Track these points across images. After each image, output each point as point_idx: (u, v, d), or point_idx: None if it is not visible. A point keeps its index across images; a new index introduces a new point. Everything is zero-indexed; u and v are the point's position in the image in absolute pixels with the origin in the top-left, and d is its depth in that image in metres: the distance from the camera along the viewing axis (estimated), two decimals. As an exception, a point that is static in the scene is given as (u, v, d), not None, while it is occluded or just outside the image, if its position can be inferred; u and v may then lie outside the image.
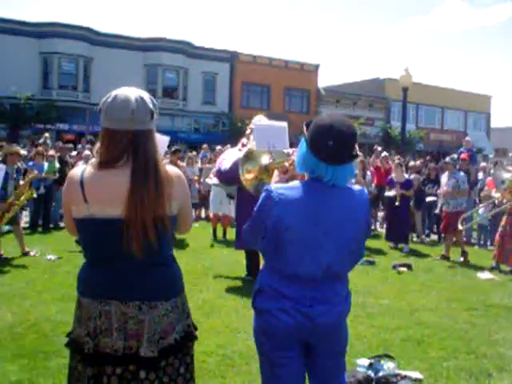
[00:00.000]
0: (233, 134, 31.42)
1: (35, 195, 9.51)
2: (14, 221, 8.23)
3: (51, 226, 11.18)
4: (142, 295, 2.06)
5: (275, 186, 2.23)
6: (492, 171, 11.88)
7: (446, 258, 9.36)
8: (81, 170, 2.09)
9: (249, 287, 6.59)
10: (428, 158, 16.65)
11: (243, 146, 6.70)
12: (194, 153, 15.92)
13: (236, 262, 8.03)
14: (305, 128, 2.24)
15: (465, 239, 10.60)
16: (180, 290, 2.22)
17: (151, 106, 2.10)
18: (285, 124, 3.22)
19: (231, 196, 10.45)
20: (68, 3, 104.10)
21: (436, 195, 10.96)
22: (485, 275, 8.05)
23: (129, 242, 1.97)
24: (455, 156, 12.05)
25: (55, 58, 30.24)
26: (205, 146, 17.48)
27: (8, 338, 4.63)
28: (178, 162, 10.96)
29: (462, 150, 12.51)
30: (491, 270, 8.47)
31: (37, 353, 4.30)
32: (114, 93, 2.08)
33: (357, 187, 2.32)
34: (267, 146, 2.95)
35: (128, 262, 2.03)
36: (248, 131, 6.69)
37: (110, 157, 2.04)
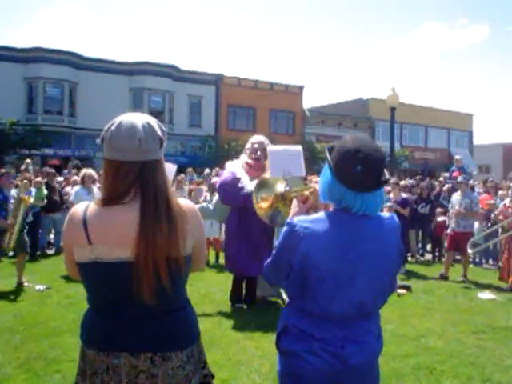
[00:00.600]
0: (219, 157, 31.40)
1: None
2: (21, 247, 7.92)
3: (38, 253, 10.86)
4: (154, 346, 1.84)
5: (298, 219, 2.02)
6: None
7: (444, 277, 9.20)
8: (83, 207, 1.87)
9: (247, 315, 6.44)
10: (419, 177, 16.60)
11: (251, 166, 6.40)
12: (183, 175, 15.73)
13: (232, 288, 7.77)
14: (327, 153, 2.05)
15: (458, 257, 10.45)
16: (196, 338, 2.01)
17: (159, 132, 1.90)
18: (299, 147, 3.02)
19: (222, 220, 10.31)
20: (53, 28, 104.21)
21: (444, 214, 10.80)
22: (486, 295, 7.90)
23: (139, 287, 1.77)
24: (466, 176, 11.90)
25: (40, 82, 30.00)
26: (189, 169, 17.32)
27: (-4, 379, 4.33)
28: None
29: (453, 168, 12.44)
30: (493, 290, 8.32)
31: (28, 395, 4.01)
32: (118, 119, 1.89)
33: (386, 214, 2.14)
34: (282, 172, 2.75)
35: (139, 308, 1.82)
36: (248, 145, 6.43)
37: (115, 192, 1.83)
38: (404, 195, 10.61)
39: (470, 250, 8.76)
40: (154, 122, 1.91)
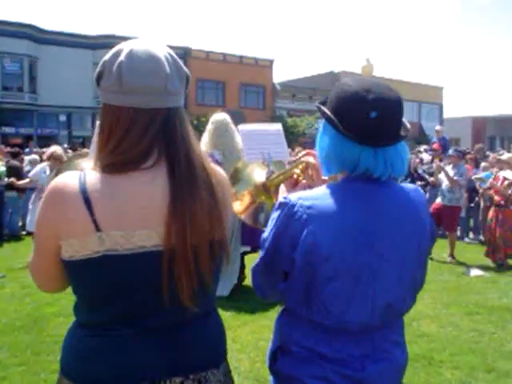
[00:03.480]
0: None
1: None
2: None
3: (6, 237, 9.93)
4: (187, 366, 1.33)
5: (297, 195, 1.46)
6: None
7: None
8: (76, 177, 1.26)
9: (225, 302, 5.84)
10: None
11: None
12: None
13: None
14: (321, 107, 1.50)
15: (440, 232, 10.06)
16: (226, 348, 1.50)
17: (185, 69, 1.39)
18: (279, 126, 2.37)
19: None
20: (10, 0, 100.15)
21: (425, 187, 10.31)
22: (474, 272, 7.54)
23: (177, 286, 1.25)
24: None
25: (-3, 57, 28.56)
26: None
27: None
28: None
29: (434, 140, 11.99)
30: (480, 266, 7.97)
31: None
32: (125, 47, 1.31)
33: (410, 185, 1.60)
34: (261, 156, 2.10)
35: (172, 316, 1.30)
36: (209, 127, 5.84)
37: (130, 153, 1.27)
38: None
39: None
40: (175, 54, 1.39)
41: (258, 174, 2.10)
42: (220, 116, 5.78)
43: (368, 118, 1.36)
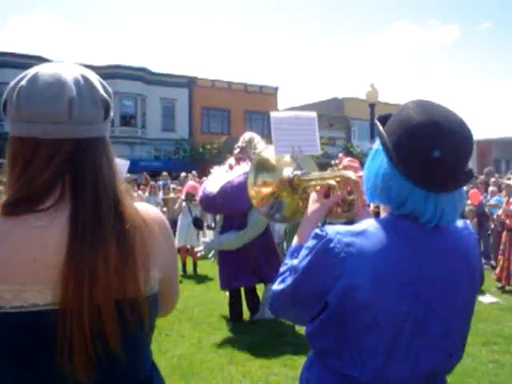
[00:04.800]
0: (194, 160, 30.68)
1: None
2: None
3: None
4: None
5: (335, 230, 1.28)
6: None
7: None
8: None
9: (232, 333, 5.70)
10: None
11: (231, 167, 5.73)
12: (160, 182, 14.82)
13: (211, 300, 7.05)
14: (380, 126, 1.32)
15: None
16: None
17: (103, 92, 1.18)
18: (314, 114, 2.17)
19: (198, 225, 9.52)
20: (23, 35, 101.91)
21: None
22: (487, 299, 7.32)
23: (68, 354, 1.04)
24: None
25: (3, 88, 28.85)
26: (164, 173, 16.49)
27: None
28: (134, 191, 10.01)
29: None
30: (494, 292, 7.75)
31: None
32: (32, 71, 1.14)
33: (459, 221, 1.41)
34: (290, 148, 1.95)
35: None
36: (236, 150, 5.74)
37: (28, 191, 1.10)
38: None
39: None
40: (93, 76, 1.20)
41: (285, 168, 1.96)
42: (248, 134, 5.82)
43: (429, 157, 1.19)
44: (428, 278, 1.25)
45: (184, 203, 9.58)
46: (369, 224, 1.30)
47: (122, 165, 3.25)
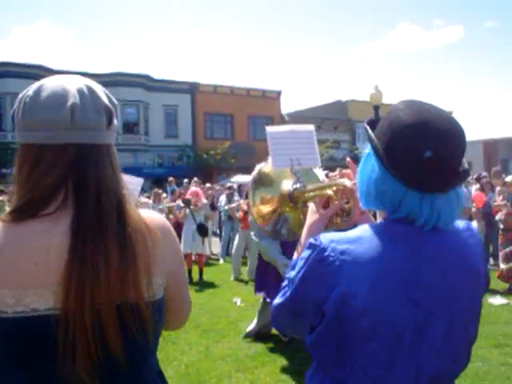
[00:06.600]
0: (198, 166, 30.71)
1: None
2: None
3: None
4: None
5: (329, 237, 1.24)
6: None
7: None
8: None
9: (239, 340, 5.64)
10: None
11: None
12: (166, 192, 14.77)
13: (218, 308, 7.01)
14: (369, 129, 1.28)
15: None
16: None
17: (106, 100, 1.21)
18: (311, 127, 2.13)
19: (202, 232, 9.45)
20: (25, 44, 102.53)
21: None
22: (497, 300, 7.24)
23: (70, 359, 1.05)
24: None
25: (7, 97, 28.95)
26: (171, 178, 16.43)
27: None
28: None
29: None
30: (502, 293, 7.66)
31: None
32: (40, 82, 1.19)
33: (460, 222, 1.35)
34: (289, 161, 1.90)
35: None
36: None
37: (32, 197, 1.12)
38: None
39: (502, 265, 7.98)
40: (98, 87, 1.25)
41: (286, 183, 1.92)
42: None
43: (420, 157, 1.15)
44: (427, 282, 1.20)
45: (188, 210, 9.51)
46: (364, 230, 1.25)
47: (135, 183, 3.22)
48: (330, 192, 1.60)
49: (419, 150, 1.15)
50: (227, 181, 19.25)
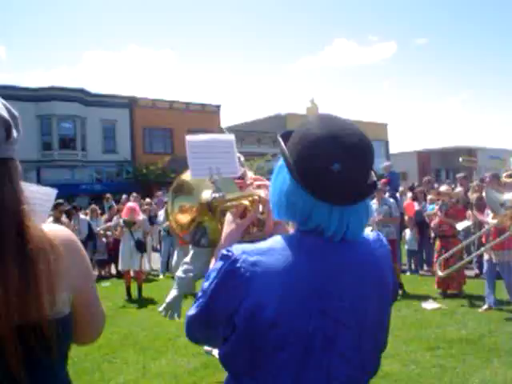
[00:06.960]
0: (138, 182, 30.26)
1: None
2: None
3: None
4: None
5: (241, 248, 1.24)
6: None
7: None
8: None
9: (177, 357, 5.54)
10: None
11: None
12: (103, 209, 14.51)
13: (157, 325, 6.88)
14: (282, 142, 1.30)
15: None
16: None
17: (5, 113, 1.14)
18: (232, 137, 2.14)
19: (140, 248, 9.28)
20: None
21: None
22: (430, 305, 7.48)
23: None
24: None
25: None
26: (108, 195, 16.21)
27: None
28: (62, 217, 9.83)
29: (386, 175, 12.01)
30: (435, 298, 7.93)
31: None
32: None
33: (371, 233, 1.39)
34: (208, 170, 1.91)
35: None
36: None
37: None
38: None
39: (440, 273, 7.94)
40: None
41: (205, 192, 1.92)
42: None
43: (328, 170, 1.17)
44: (336, 293, 1.22)
45: (124, 228, 9.38)
46: (275, 241, 1.27)
47: (47, 193, 3.14)
48: (246, 202, 1.62)
49: (328, 163, 1.17)
50: (167, 196, 19.07)
